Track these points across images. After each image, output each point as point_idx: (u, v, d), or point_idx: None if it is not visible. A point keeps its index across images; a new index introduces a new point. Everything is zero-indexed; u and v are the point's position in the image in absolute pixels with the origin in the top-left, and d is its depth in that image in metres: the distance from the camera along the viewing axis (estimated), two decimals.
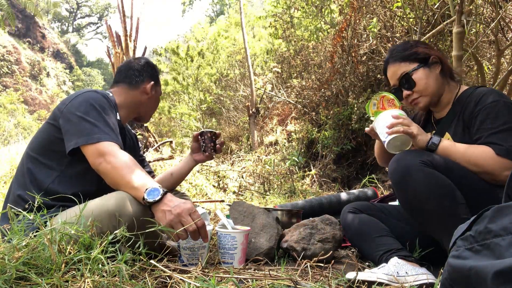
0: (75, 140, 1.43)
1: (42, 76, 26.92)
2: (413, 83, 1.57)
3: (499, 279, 0.55)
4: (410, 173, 1.33)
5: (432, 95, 1.58)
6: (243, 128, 8.09)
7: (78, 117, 1.46)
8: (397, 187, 1.39)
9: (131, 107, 1.79)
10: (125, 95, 1.77)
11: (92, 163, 1.43)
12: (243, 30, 6.85)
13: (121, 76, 1.80)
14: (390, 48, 1.73)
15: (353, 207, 1.70)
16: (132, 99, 1.78)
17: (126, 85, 1.78)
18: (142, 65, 1.85)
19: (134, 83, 1.79)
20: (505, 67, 3.47)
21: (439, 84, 1.58)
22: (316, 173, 4.93)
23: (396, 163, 1.38)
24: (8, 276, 0.97)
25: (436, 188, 1.30)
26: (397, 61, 1.61)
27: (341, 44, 4.89)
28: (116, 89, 1.78)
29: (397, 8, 4.04)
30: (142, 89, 1.80)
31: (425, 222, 1.37)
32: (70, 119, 1.47)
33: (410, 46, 1.63)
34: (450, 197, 1.29)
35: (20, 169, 1.57)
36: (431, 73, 1.57)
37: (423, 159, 1.33)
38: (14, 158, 5.64)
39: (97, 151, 1.41)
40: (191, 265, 1.37)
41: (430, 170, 1.32)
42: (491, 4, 3.08)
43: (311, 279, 1.28)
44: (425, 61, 1.58)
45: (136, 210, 1.32)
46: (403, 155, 1.39)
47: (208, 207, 3.48)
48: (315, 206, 2.41)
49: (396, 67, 1.62)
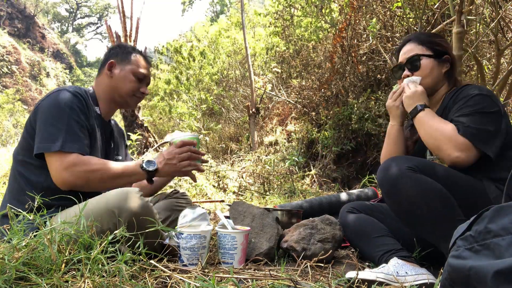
0: (38, 144, 1.44)
1: (42, 76, 26.91)
2: (418, 66, 1.62)
3: (499, 279, 0.55)
4: (399, 181, 1.33)
5: (428, 86, 1.62)
6: (243, 128, 8.08)
7: (44, 121, 1.46)
8: (388, 197, 1.40)
9: (105, 95, 1.71)
10: (98, 85, 1.72)
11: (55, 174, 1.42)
12: (243, 29, 6.85)
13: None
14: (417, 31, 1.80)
15: (352, 207, 1.71)
16: (103, 87, 1.71)
17: (97, 75, 1.75)
18: (109, 48, 1.80)
19: (101, 70, 1.74)
20: (505, 67, 3.47)
21: (439, 80, 1.63)
22: (316, 173, 4.93)
23: (384, 173, 1.38)
24: (8, 276, 0.97)
25: (426, 193, 1.30)
26: (417, 42, 1.66)
27: (341, 44, 4.89)
28: (94, 81, 1.75)
29: (397, 8, 4.04)
30: (105, 72, 1.71)
31: (419, 228, 1.37)
32: (39, 122, 1.47)
33: (435, 36, 1.71)
34: (442, 200, 1.30)
35: (12, 174, 1.56)
36: (438, 67, 1.62)
37: (409, 165, 1.34)
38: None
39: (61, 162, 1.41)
40: (191, 265, 1.37)
41: (418, 176, 1.32)
42: (491, 4, 3.08)
43: (311, 279, 1.28)
44: (439, 55, 1.62)
45: (135, 207, 1.33)
46: (390, 163, 1.39)
47: (208, 207, 3.48)
48: (315, 206, 2.41)
49: (413, 46, 1.66)
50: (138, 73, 1.73)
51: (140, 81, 1.74)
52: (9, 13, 27.50)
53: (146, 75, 1.76)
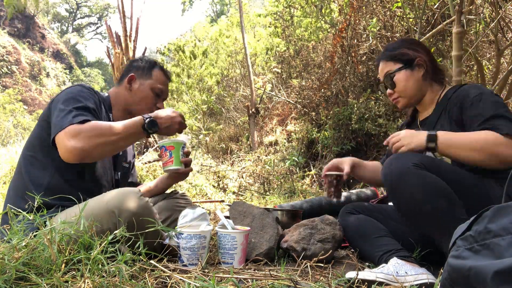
0: (52, 130, 1.43)
1: (42, 76, 26.90)
2: (394, 84, 1.64)
3: (499, 279, 0.55)
4: (403, 177, 1.32)
5: (411, 97, 1.64)
6: (243, 128, 8.08)
7: (57, 109, 1.46)
8: (392, 192, 1.39)
9: (119, 105, 1.75)
10: (115, 94, 1.75)
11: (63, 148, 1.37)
12: (242, 29, 6.85)
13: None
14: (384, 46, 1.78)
15: (351, 208, 1.71)
16: (119, 97, 1.75)
17: (117, 84, 1.77)
18: (132, 60, 1.81)
19: (121, 81, 1.76)
20: (505, 67, 3.47)
21: (419, 87, 1.63)
22: (316, 173, 4.93)
23: (388, 169, 1.37)
24: (8, 276, 0.97)
25: (431, 190, 1.30)
26: (385, 59, 1.68)
27: (341, 44, 4.90)
28: (111, 89, 1.78)
29: (397, 8, 4.04)
30: (124, 84, 1.74)
31: (422, 225, 1.37)
32: (52, 112, 1.48)
33: (399, 46, 1.68)
34: (446, 198, 1.29)
35: (18, 171, 1.57)
36: (412, 75, 1.62)
37: (414, 161, 1.33)
38: (13, 158, 5.63)
39: (68, 133, 1.36)
40: (191, 265, 1.37)
41: (423, 172, 1.32)
42: (491, 4, 3.08)
43: (311, 279, 1.28)
44: (409, 63, 1.62)
45: (135, 207, 1.33)
46: (395, 159, 1.38)
47: (208, 207, 3.48)
48: (315, 206, 2.41)
49: (383, 65, 1.69)
50: (157, 88, 1.76)
51: (158, 96, 1.77)
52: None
53: (164, 90, 1.79)
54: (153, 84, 1.75)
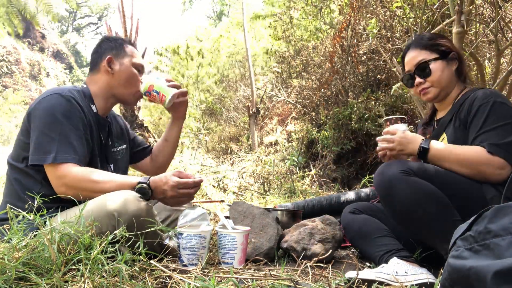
0: (32, 155, 1.43)
1: (42, 76, 26.90)
2: (429, 72, 1.58)
3: (499, 279, 0.55)
4: (393, 185, 1.34)
5: (442, 88, 1.60)
6: (243, 128, 8.08)
7: (38, 130, 1.44)
8: (384, 201, 1.41)
9: (103, 92, 1.65)
10: (94, 82, 1.66)
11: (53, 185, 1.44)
12: (244, 30, 6.85)
13: (90, 64, 1.73)
14: (416, 35, 1.75)
15: (354, 208, 1.72)
16: (100, 84, 1.65)
17: (92, 72, 1.69)
18: (99, 43, 1.71)
19: (97, 66, 1.66)
20: (505, 67, 3.47)
21: (451, 80, 1.61)
22: (316, 173, 4.93)
23: (380, 177, 1.39)
24: (8, 276, 0.97)
25: (420, 196, 1.31)
26: (419, 47, 1.63)
27: (341, 44, 4.89)
28: (88, 79, 1.70)
29: (397, 8, 4.03)
30: (103, 69, 1.64)
31: (416, 231, 1.38)
32: (32, 130, 1.46)
33: (435, 37, 1.66)
34: (436, 202, 1.30)
35: (8, 178, 1.55)
36: (447, 67, 1.60)
37: (403, 168, 1.34)
38: None
39: (54, 173, 1.42)
40: (191, 265, 1.36)
41: (412, 179, 1.32)
42: (491, 4, 3.08)
43: (311, 279, 1.28)
44: (445, 55, 1.60)
45: (135, 209, 1.33)
46: (385, 168, 1.39)
47: (208, 207, 3.48)
48: (315, 206, 2.41)
49: (416, 53, 1.63)
50: (136, 63, 1.69)
51: (139, 71, 1.70)
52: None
53: (143, 65, 1.73)
54: (131, 60, 1.68)
